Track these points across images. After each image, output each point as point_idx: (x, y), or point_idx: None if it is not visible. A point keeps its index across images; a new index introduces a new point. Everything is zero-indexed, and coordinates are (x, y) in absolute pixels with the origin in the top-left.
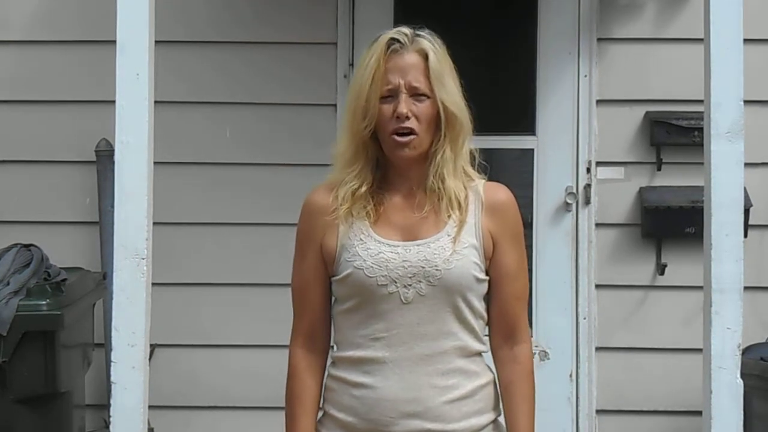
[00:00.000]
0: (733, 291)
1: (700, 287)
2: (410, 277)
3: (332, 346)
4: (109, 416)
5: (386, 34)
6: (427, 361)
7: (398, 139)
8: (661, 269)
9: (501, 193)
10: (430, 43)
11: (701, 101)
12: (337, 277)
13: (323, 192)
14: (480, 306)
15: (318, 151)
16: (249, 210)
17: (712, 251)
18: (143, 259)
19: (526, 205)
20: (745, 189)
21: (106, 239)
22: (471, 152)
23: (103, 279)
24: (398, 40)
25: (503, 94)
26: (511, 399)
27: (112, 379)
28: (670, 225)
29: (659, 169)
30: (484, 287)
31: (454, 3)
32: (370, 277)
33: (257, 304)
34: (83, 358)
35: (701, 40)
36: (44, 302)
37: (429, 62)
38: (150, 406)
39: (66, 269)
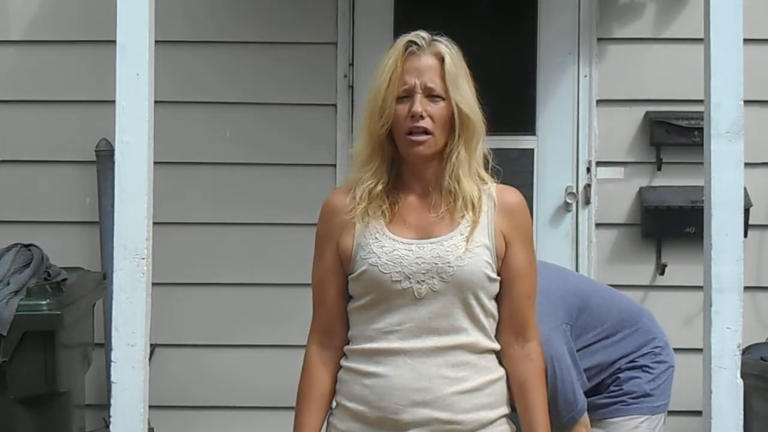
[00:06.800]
0: (733, 291)
1: (700, 287)
2: (423, 274)
3: (349, 338)
4: (109, 416)
5: (405, 36)
6: (438, 353)
7: (413, 138)
8: (661, 269)
9: (513, 195)
10: (447, 47)
11: (701, 101)
12: (353, 275)
13: (341, 193)
14: (491, 305)
15: (318, 151)
16: (249, 210)
17: (712, 251)
18: (143, 259)
19: (527, 205)
20: (745, 189)
21: (106, 239)
22: (485, 155)
23: (103, 279)
24: (416, 43)
25: (503, 94)
26: (527, 396)
27: (112, 379)
28: (670, 225)
29: (659, 169)
30: (496, 287)
31: (454, 3)
32: (385, 273)
33: (257, 304)
34: (83, 358)
35: (701, 40)
36: (44, 302)
37: (445, 65)
38: (150, 406)
39: (66, 269)
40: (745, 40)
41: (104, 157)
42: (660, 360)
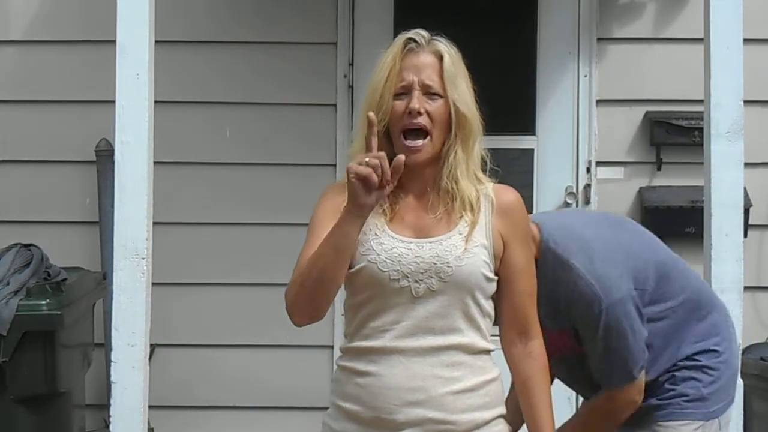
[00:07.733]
0: (733, 291)
1: None
2: (422, 273)
3: (345, 336)
4: (109, 416)
5: (404, 34)
6: (432, 353)
7: (409, 144)
8: None
9: (510, 194)
10: (446, 46)
11: (701, 101)
12: (352, 270)
13: (341, 186)
14: (488, 305)
15: (318, 150)
16: (249, 210)
17: (712, 251)
18: (143, 259)
19: (526, 205)
20: (745, 189)
21: (106, 239)
22: (482, 156)
23: (103, 279)
24: (415, 40)
25: (503, 94)
26: (531, 394)
27: (112, 379)
28: (670, 225)
29: (659, 169)
30: (493, 286)
31: (455, 3)
32: (383, 271)
33: (257, 304)
34: (83, 358)
35: (701, 40)
36: (44, 302)
37: (443, 63)
38: (150, 406)
39: (66, 269)
40: (745, 40)
41: (104, 157)
42: (722, 360)
